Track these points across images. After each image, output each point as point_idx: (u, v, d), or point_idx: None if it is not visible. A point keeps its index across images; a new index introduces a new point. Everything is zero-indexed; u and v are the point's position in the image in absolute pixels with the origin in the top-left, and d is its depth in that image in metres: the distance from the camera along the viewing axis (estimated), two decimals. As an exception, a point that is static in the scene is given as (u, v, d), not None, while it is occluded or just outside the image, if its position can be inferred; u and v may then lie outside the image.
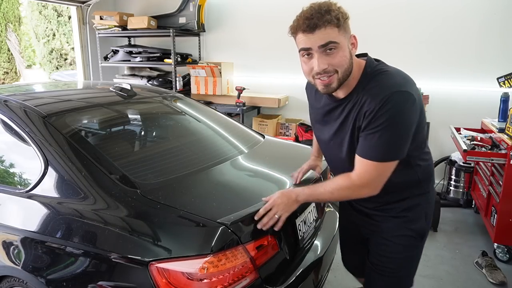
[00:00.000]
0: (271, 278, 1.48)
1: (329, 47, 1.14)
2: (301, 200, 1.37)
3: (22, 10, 12.31)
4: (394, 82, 1.18)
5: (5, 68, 11.65)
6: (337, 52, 1.15)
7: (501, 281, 2.50)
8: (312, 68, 1.18)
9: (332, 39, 1.13)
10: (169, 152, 1.98)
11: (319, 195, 1.35)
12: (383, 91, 1.16)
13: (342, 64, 1.17)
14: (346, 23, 1.18)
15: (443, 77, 3.93)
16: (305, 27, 1.14)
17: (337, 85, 1.20)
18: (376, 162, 1.20)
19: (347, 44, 1.18)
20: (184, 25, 4.77)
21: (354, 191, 1.28)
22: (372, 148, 1.19)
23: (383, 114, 1.14)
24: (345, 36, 1.17)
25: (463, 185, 3.79)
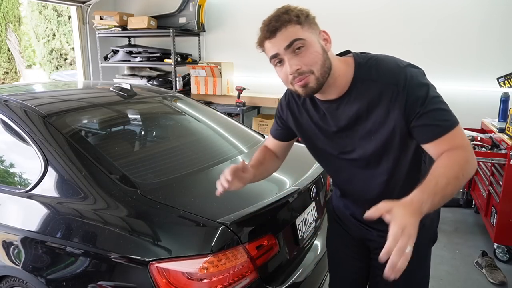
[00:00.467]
0: (271, 278, 1.48)
1: (296, 45, 1.06)
2: (424, 211, 0.95)
3: (22, 10, 12.31)
4: (395, 62, 1.14)
5: (5, 68, 11.65)
6: (307, 49, 1.07)
7: (501, 281, 2.50)
8: (287, 74, 1.10)
9: (296, 37, 1.06)
10: (169, 152, 1.98)
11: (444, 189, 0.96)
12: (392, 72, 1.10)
13: (315, 61, 1.08)
14: (309, 19, 1.10)
15: (443, 77, 3.93)
16: (266, 34, 1.09)
17: (316, 85, 1.11)
18: (454, 128, 1.08)
19: (317, 40, 1.11)
20: (184, 25, 4.77)
21: (470, 162, 1.03)
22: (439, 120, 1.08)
23: (416, 91, 1.07)
24: (311, 32, 1.10)
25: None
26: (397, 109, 1.10)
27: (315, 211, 1.95)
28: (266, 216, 1.50)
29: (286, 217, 1.64)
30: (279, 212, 1.60)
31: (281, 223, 1.61)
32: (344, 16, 4.19)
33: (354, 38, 4.08)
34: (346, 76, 1.15)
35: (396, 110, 1.10)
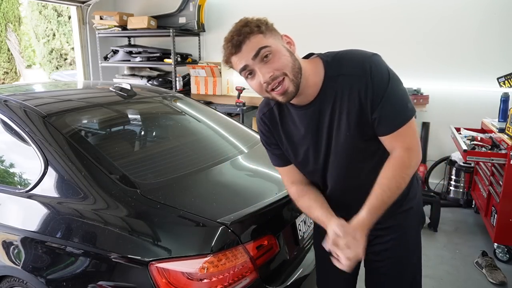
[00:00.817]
0: (271, 278, 1.48)
1: (263, 53, 1.08)
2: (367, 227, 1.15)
3: (22, 10, 12.31)
4: (360, 53, 1.16)
5: (5, 68, 11.65)
6: (274, 55, 1.09)
7: (501, 281, 2.50)
8: (260, 83, 1.11)
9: (261, 45, 1.08)
10: (169, 152, 1.98)
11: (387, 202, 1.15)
12: (359, 64, 1.13)
13: (285, 64, 1.10)
14: (270, 27, 1.13)
15: (443, 77, 3.93)
16: (231, 50, 1.10)
17: (294, 88, 1.12)
18: (409, 122, 1.15)
19: (281, 44, 1.13)
20: (184, 25, 4.77)
21: (412, 166, 1.17)
22: (397, 112, 1.14)
23: (379, 82, 1.12)
24: (274, 38, 1.12)
25: (463, 185, 3.79)
26: (369, 101, 1.13)
27: (315, 211, 1.94)
28: (266, 216, 1.50)
29: (286, 217, 1.64)
30: (279, 212, 1.60)
31: (281, 223, 1.61)
32: (343, 15, 4.18)
33: (354, 38, 4.08)
34: (316, 75, 1.18)
35: (368, 101, 1.13)
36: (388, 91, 1.12)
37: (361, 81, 1.12)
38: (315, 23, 4.26)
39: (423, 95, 3.90)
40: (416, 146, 1.18)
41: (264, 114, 1.33)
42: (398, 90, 1.14)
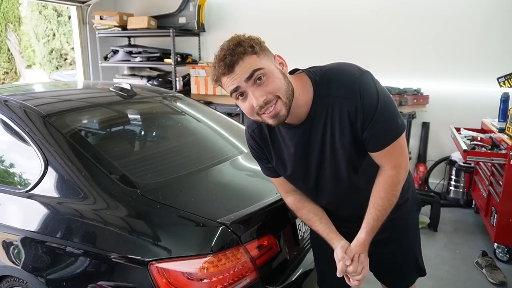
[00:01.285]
0: (271, 278, 1.48)
1: (257, 76, 1.05)
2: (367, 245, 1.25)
3: (22, 10, 12.29)
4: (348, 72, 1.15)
5: (5, 68, 11.64)
6: (268, 78, 1.06)
7: (501, 281, 2.50)
8: (252, 106, 1.08)
9: (255, 67, 1.05)
10: (169, 152, 1.98)
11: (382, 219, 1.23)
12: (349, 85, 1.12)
13: (279, 87, 1.07)
14: (263, 48, 1.10)
15: (443, 77, 3.93)
16: (223, 70, 1.05)
17: (286, 111, 1.10)
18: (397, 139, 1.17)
19: (275, 66, 1.10)
20: (184, 25, 4.76)
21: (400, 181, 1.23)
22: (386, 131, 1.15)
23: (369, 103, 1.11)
24: (267, 59, 1.09)
25: (463, 185, 3.79)
26: (359, 121, 1.13)
27: (315, 211, 1.94)
28: (266, 216, 1.50)
29: (286, 217, 1.64)
30: (279, 212, 1.60)
31: (281, 223, 1.61)
32: (344, 15, 4.18)
33: (354, 38, 4.09)
34: (306, 94, 1.16)
35: (359, 122, 1.14)
36: (378, 111, 1.12)
37: (351, 104, 1.12)
38: (315, 23, 4.26)
39: (423, 95, 3.90)
40: (403, 162, 1.23)
41: (253, 131, 1.31)
42: (388, 109, 1.15)
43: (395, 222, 1.39)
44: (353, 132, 1.16)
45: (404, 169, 1.23)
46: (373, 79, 1.15)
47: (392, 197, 1.23)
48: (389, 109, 1.15)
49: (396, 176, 1.22)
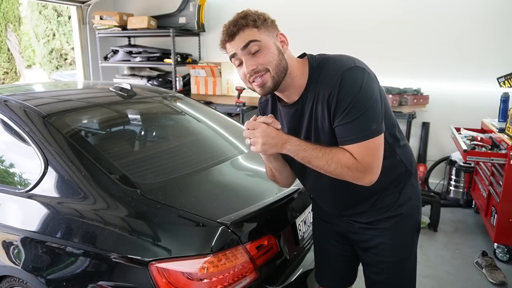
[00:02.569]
0: (271, 278, 1.48)
1: (252, 47, 1.15)
2: (287, 148, 1.19)
3: (22, 10, 12.29)
4: (341, 63, 1.18)
5: (5, 68, 11.64)
6: (262, 51, 1.16)
7: (501, 281, 2.50)
8: (244, 72, 1.19)
9: (252, 38, 1.15)
10: (169, 152, 1.98)
11: (311, 157, 1.17)
12: (334, 74, 1.16)
13: (270, 61, 1.16)
14: (267, 23, 1.19)
15: (443, 77, 3.93)
16: (226, 37, 1.19)
17: (273, 84, 1.19)
18: (366, 141, 1.15)
19: (273, 42, 1.18)
20: (184, 25, 4.76)
21: (354, 174, 1.17)
22: (355, 130, 1.15)
23: (345, 95, 1.13)
24: (268, 34, 1.18)
25: (463, 185, 3.79)
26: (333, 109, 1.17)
27: (315, 211, 1.95)
28: (266, 216, 1.50)
29: (286, 217, 1.64)
30: (279, 212, 1.60)
31: (281, 223, 1.61)
32: (343, 15, 4.18)
33: (354, 38, 4.08)
34: (302, 77, 1.24)
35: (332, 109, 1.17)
36: (352, 105, 1.13)
37: (331, 90, 1.16)
38: (314, 23, 4.26)
39: (423, 95, 3.90)
40: (370, 167, 1.17)
41: (261, 103, 1.45)
42: (365, 108, 1.14)
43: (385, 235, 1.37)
44: (329, 119, 1.20)
45: (370, 174, 1.18)
46: (363, 76, 1.15)
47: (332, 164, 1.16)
48: (366, 109, 1.14)
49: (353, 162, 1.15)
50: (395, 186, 1.35)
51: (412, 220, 1.41)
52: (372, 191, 1.29)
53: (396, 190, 1.36)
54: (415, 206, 1.42)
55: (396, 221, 1.37)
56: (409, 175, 1.38)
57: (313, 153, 1.17)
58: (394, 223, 1.37)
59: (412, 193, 1.40)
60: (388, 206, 1.36)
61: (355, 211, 1.38)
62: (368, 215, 1.38)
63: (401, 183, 1.36)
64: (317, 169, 1.19)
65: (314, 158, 1.17)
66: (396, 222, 1.37)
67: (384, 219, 1.36)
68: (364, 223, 1.39)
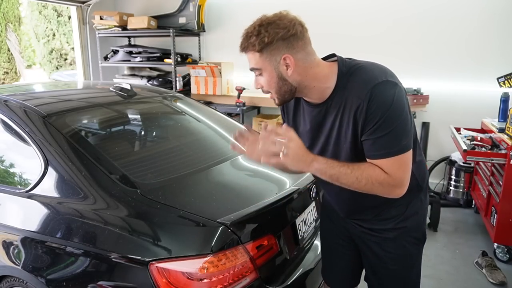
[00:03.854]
0: (271, 278, 1.48)
1: (255, 71, 1.21)
2: (314, 167, 1.15)
3: (22, 10, 12.30)
4: (372, 75, 1.16)
5: (5, 68, 11.64)
6: (262, 76, 1.21)
7: (501, 281, 2.50)
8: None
9: (254, 65, 1.20)
10: (169, 152, 1.98)
11: (340, 174, 1.14)
12: (364, 86, 1.14)
13: (270, 87, 1.21)
14: (270, 46, 1.14)
15: (443, 77, 3.93)
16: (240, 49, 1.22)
17: (280, 102, 1.25)
18: (399, 156, 1.14)
19: (274, 68, 1.17)
20: (184, 25, 4.77)
21: (385, 189, 1.15)
22: (385, 145, 1.13)
23: (375, 110, 1.12)
24: (270, 59, 1.16)
25: (463, 185, 3.79)
26: (361, 122, 1.15)
27: (315, 211, 1.95)
28: (266, 216, 1.50)
29: (286, 217, 1.64)
30: (279, 212, 1.60)
31: (281, 223, 1.61)
32: (343, 15, 4.18)
33: (354, 38, 4.08)
34: (329, 80, 1.21)
35: (360, 122, 1.16)
36: (383, 120, 1.12)
37: (359, 103, 1.14)
38: (314, 23, 4.24)
39: (423, 95, 3.90)
40: (401, 180, 1.16)
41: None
42: (395, 124, 1.13)
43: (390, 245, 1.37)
44: (354, 130, 1.19)
45: (401, 187, 1.17)
46: (395, 91, 1.13)
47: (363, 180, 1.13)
48: (397, 125, 1.13)
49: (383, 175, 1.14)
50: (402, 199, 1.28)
51: (416, 232, 1.40)
52: (378, 202, 1.28)
53: (403, 204, 1.34)
54: (420, 220, 1.42)
55: (399, 233, 1.37)
56: (419, 190, 1.37)
57: (341, 170, 1.14)
58: (397, 235, 1.37)
59: (419, 208, 1.39)
60: (393, 218, 1.36)
61: (360, 217, 1.40)
62: (372, 223, 1.38)
63: (409, 197, 1.32)
64: (346, 186, 1.16)
65: (343, 175, 1.14)
66: (399, 234, 1.37)
67: (388, 230, 1.37)
68: (367, 229, 1.40)
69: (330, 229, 1.58)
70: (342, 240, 1.53)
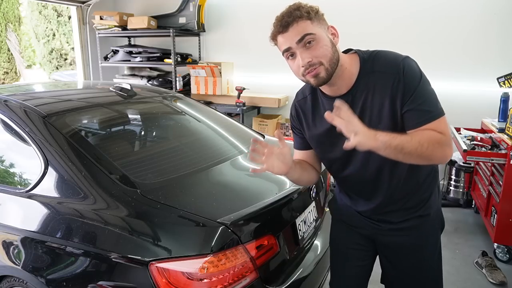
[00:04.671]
0: (271, 278, 1.48)
1: (307, 39, 1.15)
2: (379, 140, 1.09)
3: (22, 10, 12.31)
4: (395, 55, 1.23)
5: (5, 68, 11.65)
6: (317, 43, 1.16)
7: (501, 281, 2.50)
8: (299, 65, 1.19)
9: (307, 31, 1.15)
10: (169, 152, 1.98)
11: (404, 142, 1.10)
12: (395, 63, 1.19)
13: (325, 54, 1.17)
14: (319, 16, 1.19)
15: (443, 77, 3.92)
16: (279, 28, 1.18)
17: (326, 75, 1.19)
18: (439, 119, 1.17)
19: (326, 34, 1.19)
20: (184, 25, 4.77)
21: (443, 149, 1.14)
22: (428, 109, 1.17)
23: (411, 80, 1.17)
24: (320, 27, 1.18)
25: (463, 185, 3.79)
26: (399, 95, 1.18)
27: (315, 211, 1.95)
28: (266, 216, 1.50)
29: (286, 217, 1.64)
30: (279, 212, 1.60)
31: (281, 223, 1.61)
32: (343, 15, 4.18)
33: (355, 39, 4.07)
34: (352, 69, 1.24)
35: (399, 96, 1.18)
36: (419, 88, 1.17)
37: (394, 78, 1.18)
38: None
39: (423, 95, 3.89)
40: (449, 137, 1.17)
41: (299, 101, 1.42)
42: (428, 91, 1.19)
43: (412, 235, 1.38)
44: (392, 106, 1.19)
45: (451, 147, 1.17)
46: (417, 65, 1.21)
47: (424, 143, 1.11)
48: (430, 92, 1.19)
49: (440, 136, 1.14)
50: (428, 184, 1.36)
51: (437, 218, 1.43)
52: (410, 186, 1.31)
53: (428, 189, 1.37)
54: (440, 207, 1.45)
55: (423, 220, 1.38)
56: (436, 173, 1.40)
57: (403, 138, 1.11)
58: (422, 222, 1.38)
59: (438, 195, 1.43)
60: (417, 206, 1.36)
61: (387, 209, 1.37)
62: (398, 214, 1.37)
63: (432, 182, 1.37)
64: (409, 154, 1.12)
65: (406, 143, 1.11)
66: (423, 222, 1.38)
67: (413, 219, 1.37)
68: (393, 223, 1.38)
69: (343, 236, 1.53)
70: (358, 244, 1.49)
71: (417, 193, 1.35)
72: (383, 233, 1.42)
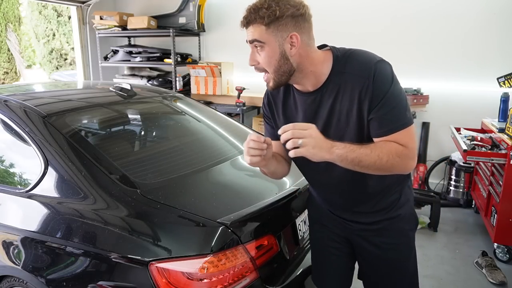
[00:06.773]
0: (271, 278, 1.48)
1: (255, 45, 1.16)
2: (335, 153, 1.08)
3: (22, 10, 12.30)
4: (369, 56, 1.19)
5: (5, 68, 11.64)
6: (265, 52, 1.16)
7: (501, 281, 2.50)
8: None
9: (257, 38, 1.15)
10: (169, 152, 1.98)
11: (362, 155, 1.09)
12: (366, 66, 1.16)
13: (268, 64, 1.17)
14: (279, 21, 1.12)
15: (443, 77, 3.93)
16: (242, 22, 1.18)
17: (274, 85, 1.20)
18: (409, 127, 1.16)
19: (278, 44, 1.14)
20: (184, 25, 4.77)
21: (404, 161, 1.14)
22: (394, 119, 1.15)
23: (380, 86, 1.14)
24: (276, 34, 1.13)
25: (463, 185, 3.79)
26: (367, 101, 1.15)
27: (315, 211, 1.94)
28: (266, 216, 1.50)
29: (286, 217, 1.64)
30: (279, 212, 1.60)
31: (281, 223, 1.61)
32: (343, 15, 4.18)
33: (355, 39, 4.08)
34: (323, 68, 1.21)
35: (366, 102, 1.16)
36: (388, 95, 1.14)
37: (364, 82, 1.15)
38: (314, 24, 4.25)
39: (423, 95, 3.90)
40: (412, 150, 1.17)
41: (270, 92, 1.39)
42: (398, 99, 1.16)
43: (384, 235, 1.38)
44: (359, 112, 1.18)
45: (415, 159, 1.17)
46: (391, 70, 1.17)
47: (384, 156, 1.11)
48: (399, 100, 1.16)
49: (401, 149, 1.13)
50: (397, 186, 1.35)
51: (409, 217, 1.42)
52: (377, 189, 1.31)
53: (397, 191, 1.36)
54: (412, 206, 1.44)
55: (394, 221, 1.38)
56: (408, 176, 1.39)
57: (361, 151, 1.10)
58: (393, 223, 1.38)
59: (409, 194, 1.42)
60: (388, 207, 1.36)
61: (356, 210, 1.38)
62: (367, 216, 1.38)
63: (401, 184, 1.37)
64: (367, 168, 1.12)
65: (364, 156, 1.10)
66: (395, 222, 1.38)
67: (383, 221, 1.37)
68: (364, 224, 1.40)
69: (321, 236, 1.53)
70: (336, 242, 1.49)
71: (385, 196, 1.35)
72: (355, 233, 1.43)
